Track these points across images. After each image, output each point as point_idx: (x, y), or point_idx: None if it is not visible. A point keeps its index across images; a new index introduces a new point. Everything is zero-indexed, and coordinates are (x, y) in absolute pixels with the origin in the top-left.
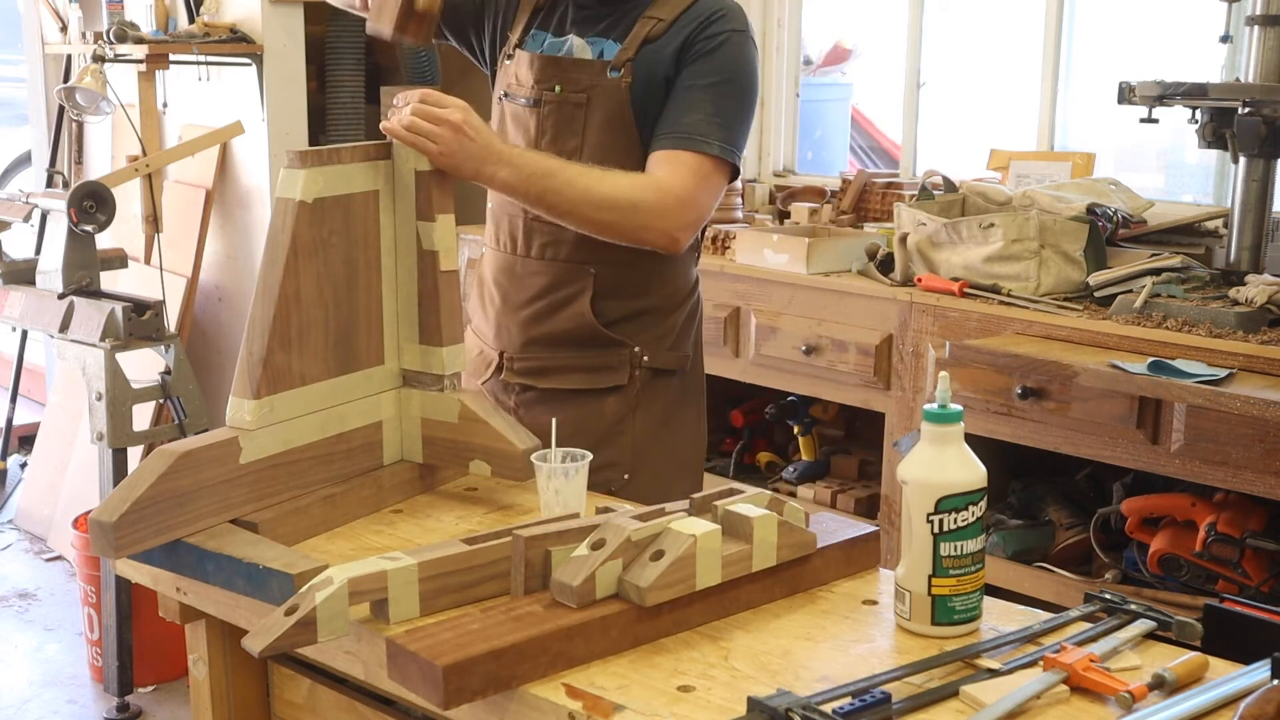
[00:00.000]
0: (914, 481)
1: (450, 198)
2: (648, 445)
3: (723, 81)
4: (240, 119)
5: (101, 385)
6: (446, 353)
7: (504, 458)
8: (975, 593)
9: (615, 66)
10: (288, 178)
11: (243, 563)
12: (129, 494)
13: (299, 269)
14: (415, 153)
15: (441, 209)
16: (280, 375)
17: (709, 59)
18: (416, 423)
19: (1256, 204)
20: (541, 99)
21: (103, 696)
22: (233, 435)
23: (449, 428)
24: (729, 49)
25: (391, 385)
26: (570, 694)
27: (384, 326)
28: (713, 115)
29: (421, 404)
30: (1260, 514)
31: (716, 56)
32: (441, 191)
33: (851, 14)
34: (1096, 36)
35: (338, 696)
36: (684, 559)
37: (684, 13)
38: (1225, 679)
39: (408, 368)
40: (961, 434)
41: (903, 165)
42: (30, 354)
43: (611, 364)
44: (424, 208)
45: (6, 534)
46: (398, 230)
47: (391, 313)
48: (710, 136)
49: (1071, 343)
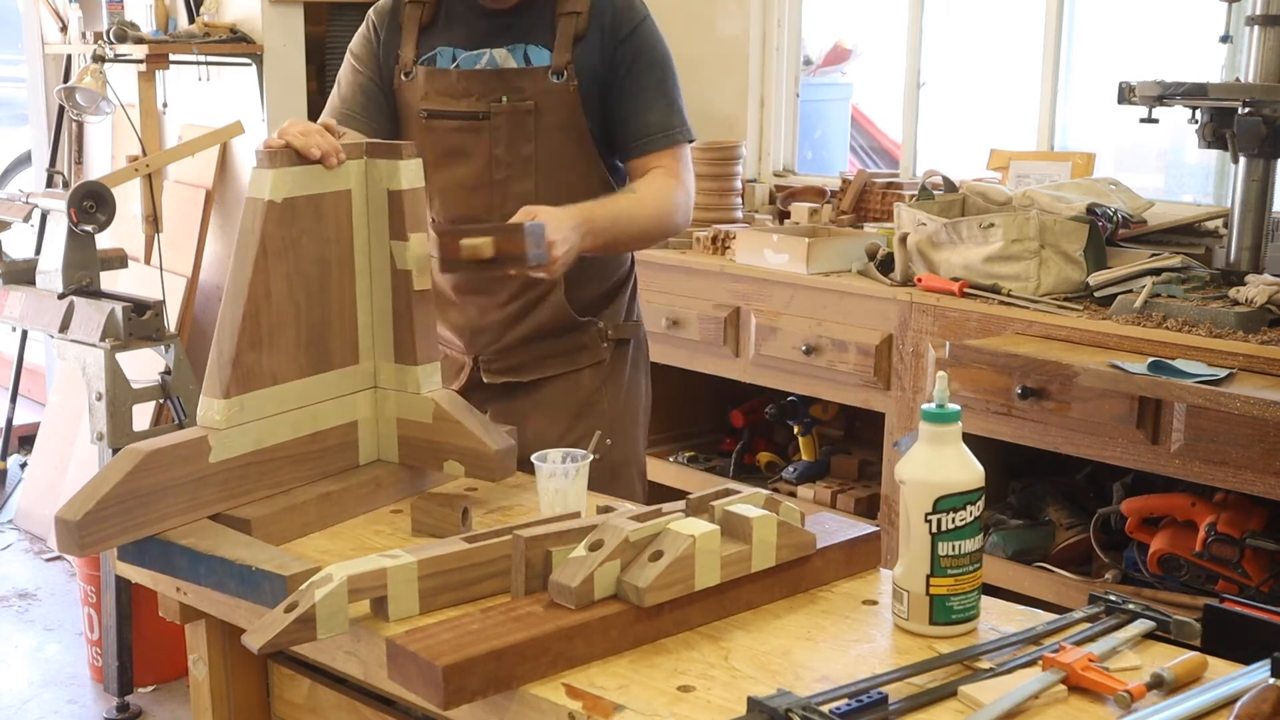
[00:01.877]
0: (912, 481)
1: (423, 217)
2: (620, 409)
3: (657, 69)
4: (240, 119)
5: (101, 385)
6: (421, 371)
7: (477, 457)
8: (973, 592)
9: (557, 71)
10: (257, 177)
11: (235, 564)
12: (94, 492)
13: (269, 268)
14: (389, 171)
15: (414, 228)
16: (250, 374)
17: (640, 55)
18: (392, 423)
19: (1256, 204)
20: (490, 111)
21: (103, 696)
22: (202, 434)
23: (423, 428)
24: (647, 37)
25: (366, 385)
26: (570, 694)
27: (359, 327)
28: (667, 106)
29: (397, 404)
30: (1260, 514)
31: (644, 50)
32: (414, 211)
33: (851, 14)
34: (1096, 36)
35: (338, 696)
36: (683, 559)
37: (594, 2)
38: (1225, 679)
39: (383, 386)
40: (959, 434)
41: (903, 165)
42: (30, 354)
43: (585, 343)
44: (396, 227)
45: (6, 534)
46: (372, 249)
47: (366, 316)
48: (677, 125)
49: (1071, 343)
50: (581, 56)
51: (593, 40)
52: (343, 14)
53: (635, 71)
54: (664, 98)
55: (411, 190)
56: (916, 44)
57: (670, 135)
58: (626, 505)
